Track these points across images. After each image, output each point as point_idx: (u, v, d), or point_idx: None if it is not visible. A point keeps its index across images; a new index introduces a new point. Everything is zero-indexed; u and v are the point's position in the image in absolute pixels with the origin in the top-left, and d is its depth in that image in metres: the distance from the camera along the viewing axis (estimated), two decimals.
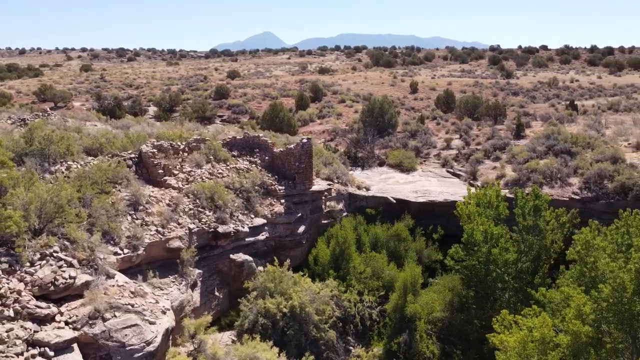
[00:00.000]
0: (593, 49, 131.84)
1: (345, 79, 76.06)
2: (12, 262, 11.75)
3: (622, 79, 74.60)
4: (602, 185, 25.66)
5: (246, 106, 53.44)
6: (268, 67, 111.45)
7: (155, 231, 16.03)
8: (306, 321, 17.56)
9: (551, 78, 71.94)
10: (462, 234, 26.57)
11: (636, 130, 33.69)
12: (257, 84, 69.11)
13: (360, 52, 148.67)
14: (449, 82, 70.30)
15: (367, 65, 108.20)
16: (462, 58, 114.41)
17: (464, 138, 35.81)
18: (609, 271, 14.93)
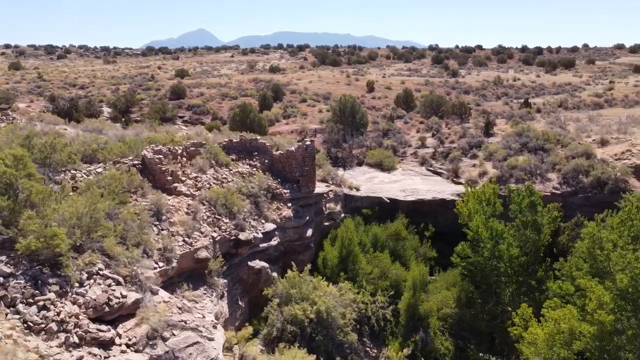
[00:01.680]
0: (524, 48, 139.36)
1: (299, 78, 75.87)
2: (62, 283, 10.84)
3: (558, 78, 79.38)
4: (578, 180, 27.28)
5: (207, 106, 52.02)
6: (213, 66, 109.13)
7: (183, 241, 15.35)
8: (331, 325, 17.44)
9: (496, 77, 75.35)
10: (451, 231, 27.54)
11: (595, 127, 36.03)
12: (211, 83, 67.46)
13: (304, 50, 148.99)
14: (402, 81, 71.93)
15: (314, 64, 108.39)
16: (405, 57, 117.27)
17: (437, 137, 36.80)
18: (627, 262, 15.85)
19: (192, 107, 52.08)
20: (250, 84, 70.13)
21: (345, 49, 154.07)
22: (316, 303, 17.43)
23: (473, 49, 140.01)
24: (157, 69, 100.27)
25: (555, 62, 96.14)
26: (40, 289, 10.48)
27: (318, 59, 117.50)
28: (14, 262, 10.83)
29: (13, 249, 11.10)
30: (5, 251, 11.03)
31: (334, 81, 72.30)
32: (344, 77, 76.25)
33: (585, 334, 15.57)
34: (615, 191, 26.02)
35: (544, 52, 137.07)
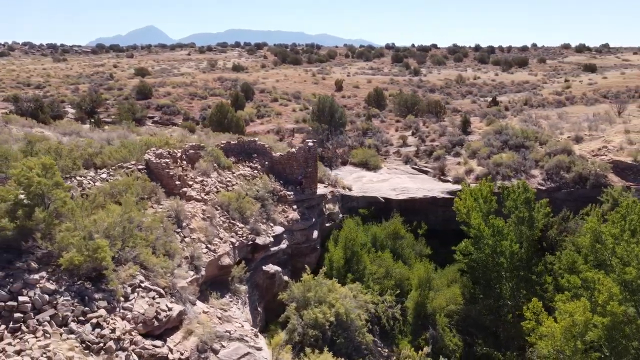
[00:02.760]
0: (477, 47, 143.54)
1: (264, 77, 75.18)
2: (108, 298, 10.29)
3: (515, 76, 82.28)
4: (561, 176, 28.41)
5: (177, 106, 50.70)
6: (171, 64, 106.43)
7: (206, 248, 14.90)
8: (350, 328, 17.41)
9: (458, 76, 77.26)
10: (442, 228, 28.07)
11: (566, 124, 37.59)
12: (175, 82, 65.71)
13: (261, 48, 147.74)
14: (368, 80, 72.58)
15: (275, 63, 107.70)
16: (365, 56, 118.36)
17: (417, 135, 37.37)
18: (635, 255, 16.62)
19: (161, 107, 50.62)
20: (216, 83, 68.88)
21: (303, 47, 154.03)
22: (334, 306, 17.34)
23: (429, 48, 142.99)
24: (112, 67, 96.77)
25: (510, 61, 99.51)
26: (89, 305, 9.92)
27: (278, 57, 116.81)
28: (55, 277, 10.19)
29: (50, 263, 10.46)
30: (43, 266, 10.35)
31: (300, 80, 72.08)
32: (310, 76, 76.18)
33: (597, 325, 16.18)
34: (597, 186, 27.27)
35: (496, 51, 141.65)
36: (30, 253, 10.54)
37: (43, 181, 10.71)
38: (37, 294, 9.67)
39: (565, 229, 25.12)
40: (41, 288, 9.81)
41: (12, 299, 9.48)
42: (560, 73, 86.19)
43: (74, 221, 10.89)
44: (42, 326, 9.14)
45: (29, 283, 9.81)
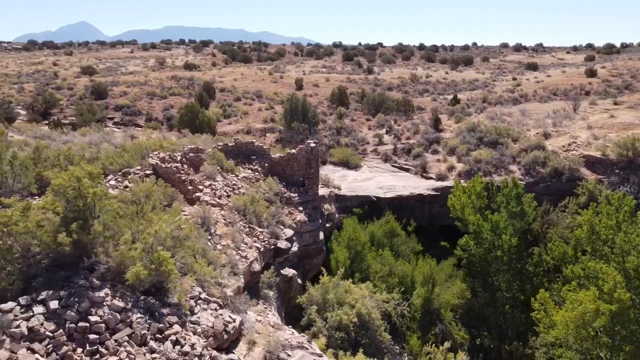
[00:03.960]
0: (422, 46, 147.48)
1: (220, 75, 73.77)
2: (177, 312, 9.81)
3: (464, 75, 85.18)
4: (537, 171, 29.79)
5: (137, 107, 48.78)
6: (116, 62, 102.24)
7: (238, 255, 14.48)
8: (371, 328, 17.50)
9: (412, 74, 79.06)
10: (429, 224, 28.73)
11: (530, 121, 39.42)
12: (129, 81, 63.12)
13: (208, 46, 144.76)
14: (326, 79, 72.82)
15: (226, 61, 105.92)
16: (316, 54, 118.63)
17: (392, 133, 37.96)
18: (635, 244, 17.71)
19: (120, 107, 48.59)
20: (171, 81, 66.77)
21: (250, 45, 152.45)
22: (354, 306, 17.38)
23: (376, 47, 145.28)
24: (52, 65, 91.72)
25: (457, 60, 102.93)
26: (160, 320, 9.41)
27: (227, 55, 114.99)
28: (120, 294, 9.59)
29: (108, 279, 9.83)
30: (106, 282, 9.71)
31: (258, 79, 71.29)
32: (267, 74, 75.50)
33: (605, 312, 17.10)
34: (571, 180, 28.81)
35: (439, 49, 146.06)
36: (86, 269, 9.85)
37: (98, 191, 10.03)
38: (107, 312, 9.06)
39: (548, 222, 26.35)
40: (109, 306, 9.20)
41: (82, 319, 8.83)
42: (505, 71, 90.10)
43: (133, 233, 10.28)
44: (123, 347, 8.59)
45: (96, 301, 9.17)
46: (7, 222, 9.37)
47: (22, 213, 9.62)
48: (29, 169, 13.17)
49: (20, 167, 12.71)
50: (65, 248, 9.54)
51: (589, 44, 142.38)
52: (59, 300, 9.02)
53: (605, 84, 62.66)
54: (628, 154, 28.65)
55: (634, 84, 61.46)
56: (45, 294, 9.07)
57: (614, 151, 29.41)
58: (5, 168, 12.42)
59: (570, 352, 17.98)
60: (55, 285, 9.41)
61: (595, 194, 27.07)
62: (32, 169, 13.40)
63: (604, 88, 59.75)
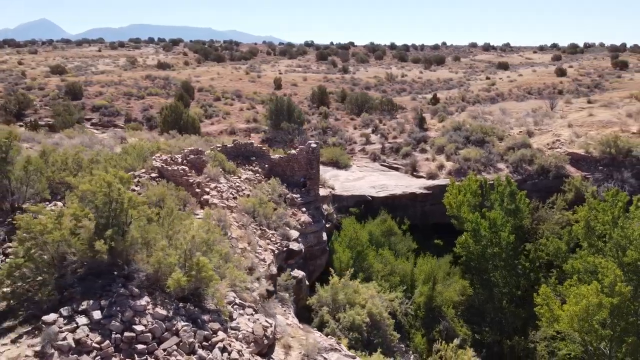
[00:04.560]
0: (393, 46, 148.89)
1: (196, 75, 72.72)
2: (218, 319, 9.63)
3: (438, 74, 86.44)
4: (524, 169, 30.51)
5: (116, 107, 47.60)
6: (84, 61, 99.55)
7: (256, 258, 14.32)
8: (382, 327, 17.57)
9: (388, 74, 79.73)
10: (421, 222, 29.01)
11: (511, 120, 40.31)
12: (104, 81, 61.48)
13: (177, 45, 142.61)
14: (304, 78, 72.72)
15: (199, 60, 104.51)
16: (290, 54, 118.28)
17: (379, 133, 38.20)
18: (634, 239, 18.34)
19: (97, 108, 47.33)
20: (147, 81, 65.44)
21: (222, 44, 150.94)
22: (364, 306, 17.42)
23: (348, 46, 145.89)
24: (17, 64, 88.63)
25: (430, 59, 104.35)
26: (203, 327, 9.22)
27: (200, 54, 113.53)
28: (160, 301, 9.36)
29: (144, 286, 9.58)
30: (143, 290, 9.45)
31: (235, 78, 70.58)
32: (243, 74, 74.86)
33: (606, 305, 17.65)
34: (558, 177, 29.62)
35: (410, 49, 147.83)
36: (122, 277, 9.56)
37: (133, 197, 9.75)
38: (151, 321, 8.82)
39: (537, 218, 27.02)
40: (152, 314, 8.97)
41: (126, 329, 8.57)
42: (477, 71, 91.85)
43: (170, 239, 10.05)
44: (172, 356, 8.37)
45: (138, 310, 8.91)
46: (42, 231, 9.02)
47: (55, 221, 9.27)
48: (43, 174, 12.69)
49: (34, 172, 12.23)
50: (103, 256, 9.24)
51: (554, 44, 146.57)
52: (101, 310, 8.74)
53: (576, 83, 64.64)
54: (611, 152, 29.64)
55: (603, 83, 63.58)
56: (86, 304, 8.77)
57: (597, 149, 30.38)
58: (18, 173, 11.92)
59: (574, 344, 18.53)
60: (94, 294, 9.12)
61: (582, 191, 27.90)
62: (45, 174, 12.91)
63: (575, 87, 61.64)
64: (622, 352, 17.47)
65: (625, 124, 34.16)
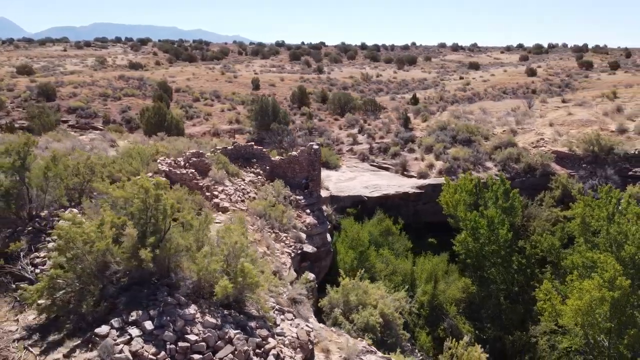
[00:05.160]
0: (364, 46, 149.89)
1: (171, 75, 71.47)
2: (264, 325, 9.48)
3: (412, 74, 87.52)
4: (512, 167, 31.24)
5: (93, 109, 46.33)
6: (50, 61, 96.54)
7: (277, 262, 14.19)
8: (394, 327, 17.67)
9: (364, 74, 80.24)
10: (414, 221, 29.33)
11: (493, 119, 41.17)
12: (76, 81, 59.72)
13: (146, 44, 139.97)
14: (281, 79, 72.44)
15: (170, 60, 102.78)
16: (262, 54, 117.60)
17: (365, 133, 38.40)
18: (631, 234, 19.00)
19: (74, 109, 45.97)
20: (120, 82, 63.93)
21: (191, 44, 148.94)
22: (376, 307, 17.49)
23: (319, 46, 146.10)
24: None
25: (402, 59, 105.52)
26: (253, 335, 9.08)
27: (170, 54, 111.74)
28: (206, 309, 9.17)
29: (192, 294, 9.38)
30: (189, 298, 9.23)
31: (211, 78, 69.73)
32: (219, 74, 74.03)
33: (607, 298, 18.23)
34: (544, 175, 30.47)
35: (381, 49, 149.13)
36: (166, 285, 9.32)
37: (174, 203, 9.51)
38: (202, 330, 8.63)
39: (528, 215, 27.70)
40: (202, 323, 8.77)
41: (179, 339, 8.35)
42: (449, 71, 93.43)
43: (212, 244, 9.86)
44: None
45: (188, 319, 8.69)
46: (86, 240, 8.71)
47: (98, 229, 8.96)
48: (63, 180, 12.24)
49: (54, 179, 11.77)
50: (149, 264, 8.98)
51: (519, 45, 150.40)
52: (151, 320, 8.49)
53: (547, 83, 66.53)
54: (594, 150, 30.65)
55: (572, 83, 65.68)
56: (136, 314, 8.51)
57: (580, 147, 31.37)
58: (38, 180, 11.44)
59: (577, 338, 19.08)
60: (139, 304, 8.85)
61: (569, 188, 28.79)
62: (65, 180, 12.45)
63: (547, 87, 63.44)
64: (623, 345, 18.09)
65: (604, 122, 35.39)
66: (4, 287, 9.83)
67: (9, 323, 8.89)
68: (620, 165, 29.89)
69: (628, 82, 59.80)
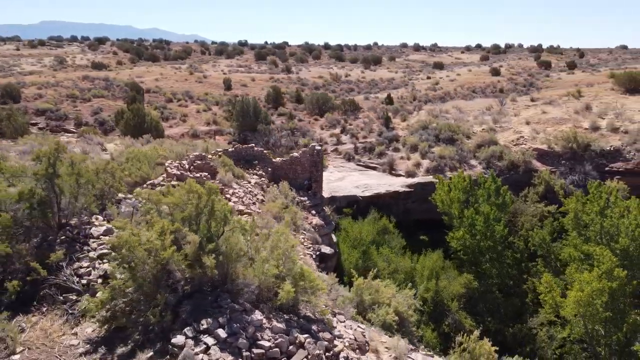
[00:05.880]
0: (327, 46, 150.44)
1: (139, 75, 69.65)
2: (325, 328, 9.47)
3: (379, 74, 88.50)
4: (495, 165, 32.15)
5: (63, 110, 44.63)
6: (4, 60, 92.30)
7: (305, 264, 14.13)
8: (406, 324, 17.92)
9: (334, 74, 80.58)
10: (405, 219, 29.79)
11: (469, 118, 42.22)
12: (39, 82, 57.31)
13: (104, 43, 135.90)
14: (252, 79, 71.85)
15: (132, 60, 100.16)
16: (227, 53, 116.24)
17: (349, 133, 38.63)
18: (625, 227, 19.93)
19: (42, 111, 44.15)
20: (85, 82, 61.81)
21: (152, 43, 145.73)
22: (389, 305, 17.69)
23: (283, 46, 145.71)
24: None
25: (368, 59, 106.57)
26: (318, 338, 9.06)
27: (132, 53, 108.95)
28: (270, 315, 9.08)
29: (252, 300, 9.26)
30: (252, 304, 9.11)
31: (180, 79, 68.43)
32: (188, 74, 72.75)
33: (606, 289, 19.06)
34: (527, 171, 31.53)
35: (344, 49, 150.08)
36: (226, 292, 9.17)
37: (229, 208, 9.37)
38: (272, 335, 8.54)
39: (514, 211, 28.59)
40: (270, 329, 8.68)
41: (252, 345, 8.25)
42: (414, 70, 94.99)
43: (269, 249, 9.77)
44: None
45: (256, 325, 8.59)
46: (149, 249, 8.46)
47: (159, 237, 8.73)
48: (95, 186, 11.79)
49: (85, 185, 11.32)
50: (213, 271, 8.81)
51: (478, 45, 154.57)
52: (222, 327, 8.35)
53: (512, 82, 68.71)
54: (572, 147, 31.94)
55: (536, 82, 68.09)
56: (205, 322, 8.34)
57: (559, 144, 32.61)
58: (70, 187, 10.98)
59: (577, 328, 19.87)
60: (204, 312, 8.68)
61: (552, 184, 29.91)
62: (97, 186, 12.00)
63: (512, 86, 65.52)
64: (622, 332, 18.98)
65: (577, 120, 36.89)
66: (50, 299, 9.43)
67: (68, 337, 8.54)
68: (597, 161, 31.27)
69: (588, 81, 62.51)
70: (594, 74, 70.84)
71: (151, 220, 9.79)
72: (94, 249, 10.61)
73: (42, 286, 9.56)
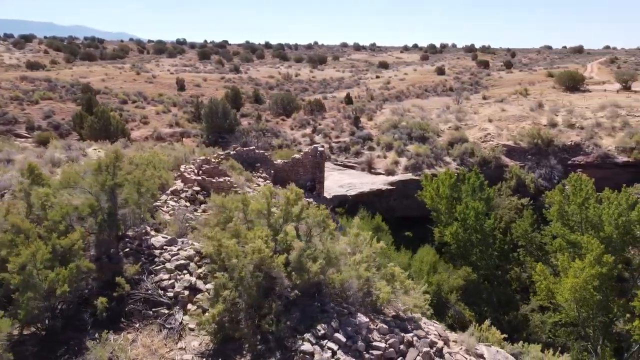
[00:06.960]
0: (268, 45, 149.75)
1: (82, 75, 66.15)
2: (417, 326, 9.73)
3: (327, 73, 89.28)
4: (468, 161, 33.58)
5: (11, 114, 41.70)
6: None
7: None
8: None
9: (285, 73, 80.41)
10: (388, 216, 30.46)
11: (432, 116, 43.70)
12: None
13: (30, 41, 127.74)
14: (204, 79, 70.31)
15: (67, 59, 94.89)
16: (169, 52, 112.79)
17: (321, 133, 38.84)
18: (608, 216, 21.56)
19: None
20: (25, 83, 57.98)
21: (83, 42, 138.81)
22: None
23: (224, 45, 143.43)
24: None
25: (314, 59, 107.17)
26: (419, 336, 9.30)
27: (65, 52, 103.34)
28: (371, 316, 9.22)
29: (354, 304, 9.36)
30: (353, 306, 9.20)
31: (128, 79, 65.75)
32: (135, 74, 70.02)
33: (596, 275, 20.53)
34: (498, 167, 33.17)
35: (285, 48, 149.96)
36: (323, 296, 9.21)
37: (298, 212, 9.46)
38: (380, 337, 8.70)
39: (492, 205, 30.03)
40: (377, 330, 8.84)
41: (367, 347, 8.37)
42: (360, 70, 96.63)
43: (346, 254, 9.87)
44: None
45: (365, 327, 8.71)
46: (263, 258, 8.36)
47: (267, 245, 8.63)
48: (154, 196, 11.31)
49: (146, 193, 10.84)
50: (320, 276, 8.82)
51: (415, 44, 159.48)
52: (337, 332, 8.40)
53: (458, 81, 71.63)
54: (537, 142, 33.96)
55: (480, 81, 71.35)
56: (321, 327, 8.36)
57: (524, 140, 34.57)
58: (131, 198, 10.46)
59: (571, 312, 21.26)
60: (312, 317, 8.68)
61: (522, 178, 31.69)
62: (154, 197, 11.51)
63: (459, 85, 68.33)
64: (613, 313, 20.57)
65: (535, 117, 39.21)
66: (137, 314, 9.04)
67: (176, 352, 8.25)
68: (560, 156, 33.46)
69: (529, 80, 66.41)
70: (532, 73, 75.26)
71: (234, 228, 9.65)
72: (168, 260, 10.24)
73: (127, 302, 9.14)
